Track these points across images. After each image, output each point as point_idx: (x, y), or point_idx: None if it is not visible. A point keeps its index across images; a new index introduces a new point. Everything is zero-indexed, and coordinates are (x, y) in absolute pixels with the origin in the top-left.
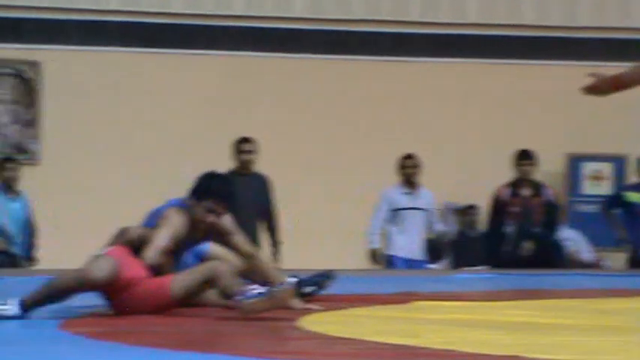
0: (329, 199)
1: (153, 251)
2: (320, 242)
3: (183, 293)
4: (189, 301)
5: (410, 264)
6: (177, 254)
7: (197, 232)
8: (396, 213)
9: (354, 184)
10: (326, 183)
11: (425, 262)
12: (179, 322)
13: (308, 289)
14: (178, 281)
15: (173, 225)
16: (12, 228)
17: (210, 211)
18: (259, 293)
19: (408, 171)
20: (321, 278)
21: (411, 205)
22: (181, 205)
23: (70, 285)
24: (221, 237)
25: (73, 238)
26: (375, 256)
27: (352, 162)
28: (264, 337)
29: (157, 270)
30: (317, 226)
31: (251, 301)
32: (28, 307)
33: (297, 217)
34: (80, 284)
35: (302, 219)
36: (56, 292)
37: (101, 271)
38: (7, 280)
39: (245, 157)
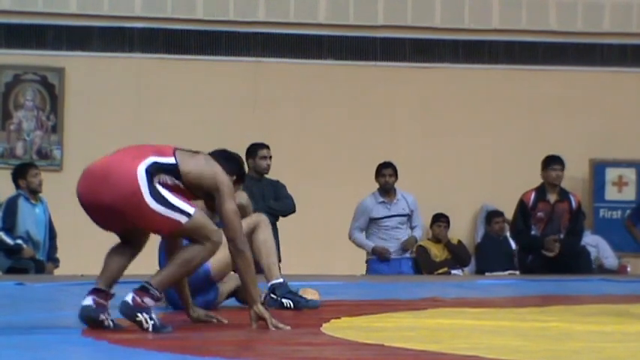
0: (349, 203)
1: None
2: (340, 247)
3: None
4: None
5: (387, 264)
6: None
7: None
8: (373, 222)
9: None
10: (347, 187)
11: (406, 259)
12: (202, 329)
13: (285, 301)
14: None
15: None
16: (37, 234)
17: None
18: None
19: (383, 179)
20: (299, 300)
21: (389, 214)
22: None
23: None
24: None
25: (94, 243)
26: (379, 252)
27: (374, 167)
28: (289, 343)
29: None
30: (337, 232)
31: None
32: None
33: (316, 221)
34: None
35: (322, 224)
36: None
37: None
38: (35, 287)
39: (265, 163)
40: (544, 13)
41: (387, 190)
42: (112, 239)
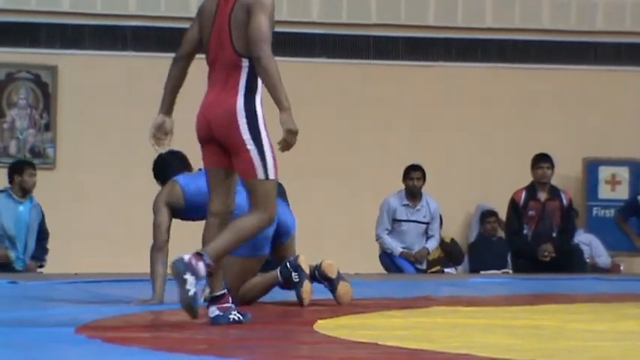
0: (343, 203)
1: None
2: (334, 246)
3: None
4: None
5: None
6: None
7: None
8: (394, 222)
9: (371, 187)
10: (342, 186)
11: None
12: (196, 328)
13: (294, 274)
14: None
15: None
16: (12, 229)
17: None
18: None
19: (411, 182)
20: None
21: (410, 218)
22: None
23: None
24: None
25: (87, 242)
26: (406, 257)
27: (368, 166)
28: (282, 341)
29: None
30: (331, 230)
31: None
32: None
33: (310, 221)
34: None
35: (316, 223)
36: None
37: None
38: (28, 285)
39: None
40: (537, 11)
41: (413, 194)
42: (105, 237)
